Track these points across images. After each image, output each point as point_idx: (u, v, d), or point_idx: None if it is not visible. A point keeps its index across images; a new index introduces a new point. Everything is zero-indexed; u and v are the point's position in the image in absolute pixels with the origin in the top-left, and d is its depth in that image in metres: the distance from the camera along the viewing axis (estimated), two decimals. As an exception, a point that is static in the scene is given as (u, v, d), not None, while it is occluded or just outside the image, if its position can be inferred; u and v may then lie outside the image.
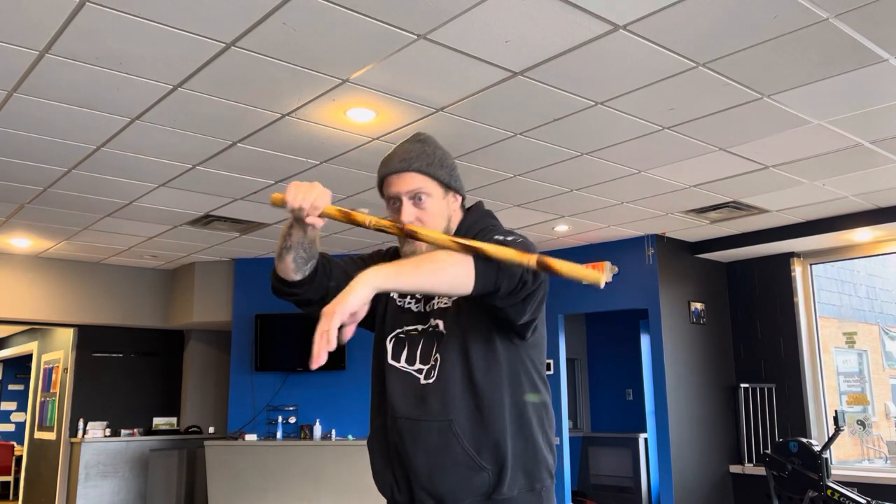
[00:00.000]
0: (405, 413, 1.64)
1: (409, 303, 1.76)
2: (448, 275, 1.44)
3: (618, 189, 4.92)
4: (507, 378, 1.65)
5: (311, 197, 1.50)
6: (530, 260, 1.42)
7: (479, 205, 1.83)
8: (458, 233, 1.72)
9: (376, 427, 1.73)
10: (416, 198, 1.69)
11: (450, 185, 1.74)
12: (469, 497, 1.60)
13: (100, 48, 2.96)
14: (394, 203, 1.72)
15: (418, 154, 1.73)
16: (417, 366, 1.68)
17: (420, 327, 1.72)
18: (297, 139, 4.00)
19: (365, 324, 1.68)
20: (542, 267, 1.42)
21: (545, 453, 1.67)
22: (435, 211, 1.70)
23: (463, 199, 1.81)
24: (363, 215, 1.53)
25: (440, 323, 1.69)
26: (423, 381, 1.66)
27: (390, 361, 1.71)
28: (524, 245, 1.55)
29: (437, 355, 1.65)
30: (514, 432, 1.63)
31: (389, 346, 1.73)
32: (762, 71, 3.19)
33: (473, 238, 1.54)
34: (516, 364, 1.67)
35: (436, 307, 1.72)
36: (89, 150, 4.14)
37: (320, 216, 1.54)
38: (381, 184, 1.77)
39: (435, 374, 1.64)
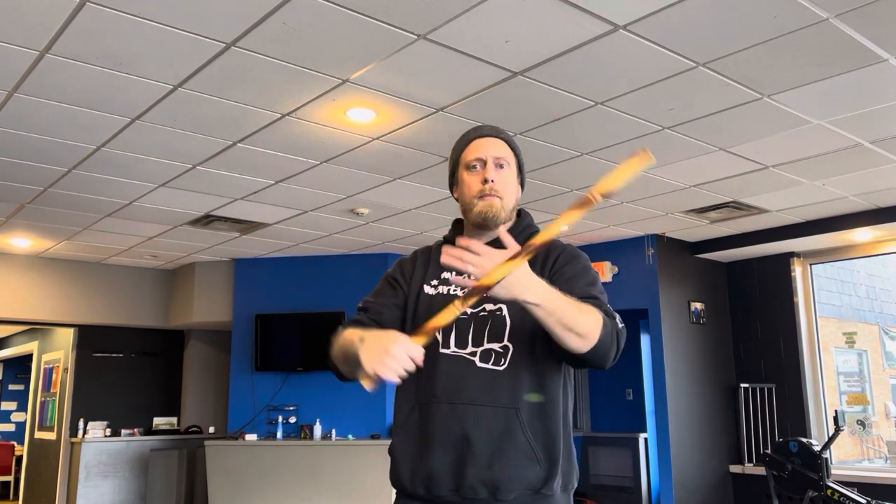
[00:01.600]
0: (469, 398, 1.64)
1: (454, 290, 1.76)
2: (574, 323, 1.50)
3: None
4: (560, 380, 1.72)
5: (401, 362, 1.45)
6: (592, 198, 1.45)
7: (525, 210, 1.92)
8: (516, 230, 1.79)
9: (412, 419, 1.71)
10: (499, 164, 1.79)
11: (521, 171, 1.87)
12: (520, 489, 1.63)
13: (100, 48, 2.97)
14: (474, 165, 1.80)
15: (503, 131, 1.87)
16: (470, 349, 1.69)
17: (469, 311, 1.71)
18: (297, 139, 4.00)
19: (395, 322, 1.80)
20: (599, 198, 1.45)
21: (574, 458, 1.74)
22: (510, 182, 1.81)
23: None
24: (451, 309, 1.48)
25: (503, 307, 1.70)
26: (487, 367, 1.67)
27: (441, 350, 1.71)
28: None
29: (508, 343, 1.68)
30: (563, 433, 1.69)
31: (440, 336, 1.71)
32: (762, 71, 3.19)
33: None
34: (565, 370, 1.74)
35: None
36: (89, 150, 4.14)
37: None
38: (464, 148, 1.84)
39: (506, 361, 1.67)
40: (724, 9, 2.70)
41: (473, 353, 1.69)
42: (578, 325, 1.50)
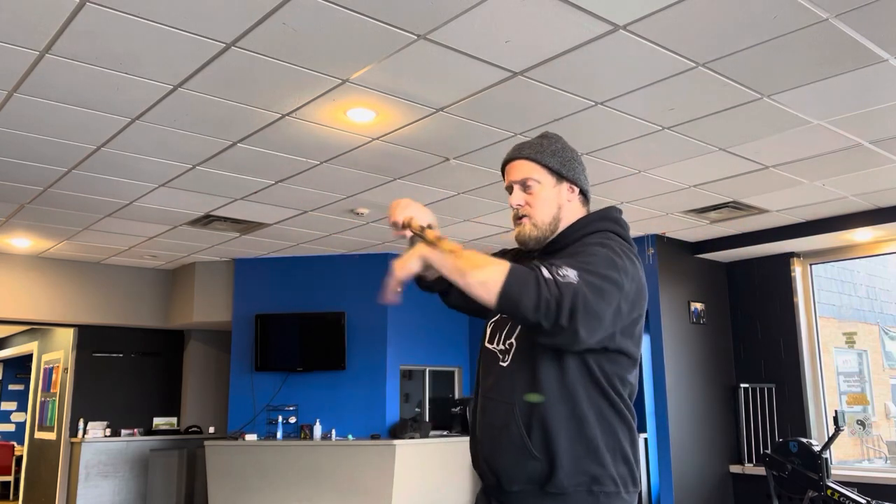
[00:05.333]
0: (485, 391, 1.79)
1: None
2: (474, 276, 1.56)
3: (618, 189, 4.92)
4: (570, 378, 1.65)
5: (404, 213, 1.75)
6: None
7: (606, 210, 1.86)
8: (572, 229, 1.81)
9: (472, 408, 1.86)
10: (523, 184, 1.82)
11: (562, 174, 1.82)
12: (521, 482, 1.67)
13: (100, 48, 2.97)
14: (509, 192, 1.87)
15: (531, 144, 1.86)
16: (497, 346, 1.80)
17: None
18: (297, 139, 4.00)
19: (482, 311, 1.85)
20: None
21: (610, 461, 1.65)
22: (543, 196, 1.81)
23: (584, 193, 1.88)
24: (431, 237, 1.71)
25: None
26: (500, 362, 1.77)
27: (486, 343, 1.85)
28: (595, 264, 1.60)
29: (513, 340, 1.75)
30: (570, 431, 1.63)
31: (488, 331, 1.86)
32: (762, 71, 3.19)
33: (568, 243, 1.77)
34: (582, 367, 1.66)
35: None
36: (89, 150, 4.14)
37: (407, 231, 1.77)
38: (503, 176, 1.90)
39: (509, 358, 1.74)
40: (724, 9, 2.70)
41: (499, 349, 1.79)
42: (466, 273, 1.56)
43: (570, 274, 1.52)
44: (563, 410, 1.64)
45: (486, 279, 1.52)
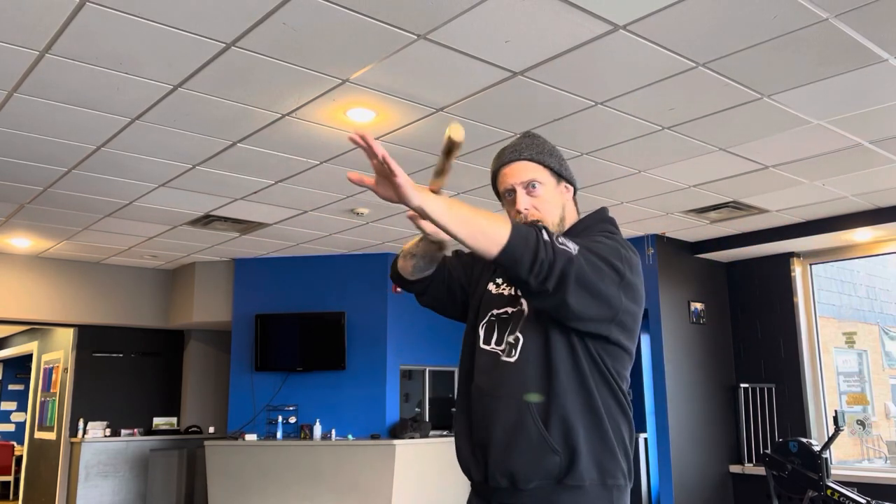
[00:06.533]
0: (488, 390, 1.71)
1: (504, 288, 1.82)
2: (478, 226, 1.49)
3: (618, 189, 4.92)
4: (583, 370, 1.65)
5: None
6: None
7: (600, 210, 1.89)
8: (573, 231, 1.79)
9: (461, 409, 1.80)
10: (529, 186, 1.78)
11: (561, 174, 1.83)
12: (539, 479, 1.62)
13: (100, 48, 2.97)
14: (509, 195, 1.81)
15: (528, 145, 1.83)
16: (495, 344, 1.75)
17: (510, 310, 1.77)
18: (297, 139, 4.00)
19: (457, 314, 1.94)
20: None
21: (620, 454, 1.67)
22: (548, 198, 1.79)
23: (575, 191, 1.89)
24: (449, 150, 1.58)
25: (524, 301, 1.74)
26: (503, 359, 1.71)
27: (481, 345, 1.78)
28: (609, 250, 1.61)
29: (519, 334, 1.70)
30: (587, 423, 1.63)
31: (482, 332, 1.79)
32: (762, 71, 3.19)
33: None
34: (592, 361, 1.67)
35: None
36: (89, 150, 4.14)
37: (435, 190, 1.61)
38: (495, 179, 1.86)
39: (516, 353, 1.69)
40: (724, 9, 2.70)
41: (500, 348, 1.74)
42: (472, 223, 1.48)
43: (569, 245, 1.53)
44: (579, 402, 1.64)
45: (490, 231, 1.48)
